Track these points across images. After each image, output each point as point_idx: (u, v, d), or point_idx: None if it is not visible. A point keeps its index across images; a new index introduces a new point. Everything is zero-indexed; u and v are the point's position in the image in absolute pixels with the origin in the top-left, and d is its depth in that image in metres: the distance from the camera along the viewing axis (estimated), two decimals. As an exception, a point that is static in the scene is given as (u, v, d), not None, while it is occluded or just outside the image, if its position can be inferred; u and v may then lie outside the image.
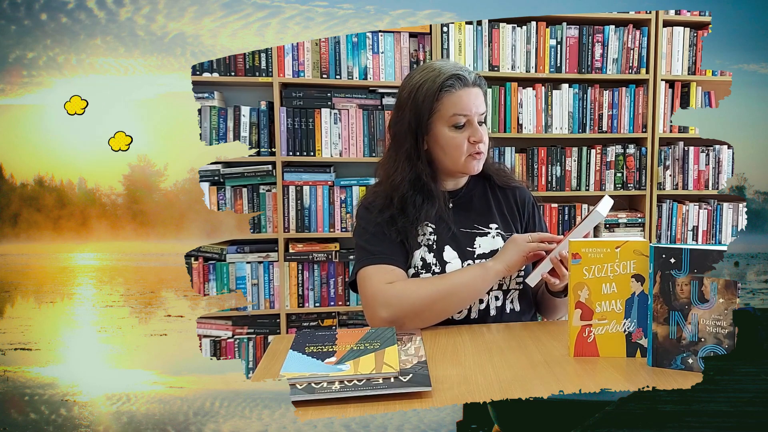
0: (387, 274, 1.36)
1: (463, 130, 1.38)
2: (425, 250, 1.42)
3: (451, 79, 1.36)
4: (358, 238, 1.45)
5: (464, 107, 1.36)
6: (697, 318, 1.03)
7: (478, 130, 1.38)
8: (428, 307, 1.32)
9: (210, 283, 2.66)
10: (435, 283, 1.35)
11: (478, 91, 1.39)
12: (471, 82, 1.38)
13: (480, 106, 1.39)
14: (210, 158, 2.63)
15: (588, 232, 1.34)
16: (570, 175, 2.83)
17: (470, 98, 1.37)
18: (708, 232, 2.93)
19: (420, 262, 1.41)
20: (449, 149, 1.39)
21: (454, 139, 1.38)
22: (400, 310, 1.30)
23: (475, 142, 1.38)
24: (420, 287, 1.33)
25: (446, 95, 1.36)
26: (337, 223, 2.69)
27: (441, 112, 1.37)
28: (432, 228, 1.43)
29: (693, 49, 2.84)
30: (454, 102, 1.36)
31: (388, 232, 1.40)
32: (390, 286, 1.33)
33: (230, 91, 2.73)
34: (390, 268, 1.37)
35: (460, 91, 1.36)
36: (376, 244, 1.40)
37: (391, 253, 1.39)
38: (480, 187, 1.53)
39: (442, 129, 1.38)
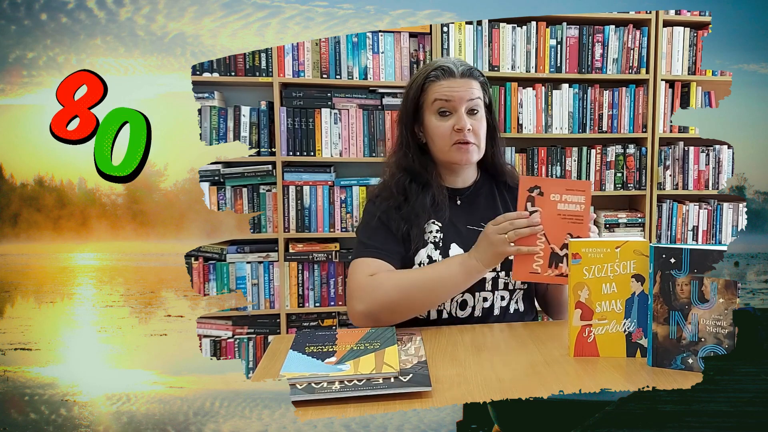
0: (372, 268, 1.35)
1: (448, 119, 1.40)
2: (432, 247, 1.42)
3: (437, 70, 1.41)
4: (358, 233, 1.47)
5: (445, 93, 1.39)
6: (697, 318, 1.03)
7: (463, 118, 1.38)
8: (402, 301, 1.31)
9: (210, 283, 2.66)
10: (412, 278, 1.33)
11: (466, 81, 1.40)
12: (458, 73, 1.40)
13: (466, 94, 1.39)
14: (210, 158, 2.63)
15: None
16: (570, 175, 2.83)
17: (453, 86, 1.39)
18: (708, 232, 2.93)
19: (426, 259, 1.41)
20: (435, 138, 1.42)
21: (439, 127, 1.41)
22: (373, 302, 1.29)
23: (458, 129, 1.38)
24: (397, 280, 1.32)
25: (429, 85, 1.41)
26: (337, 223, 2.69)
27: (426, 101, 1.42)
28: (438, 226, 1.43)
29: (693, 49, 2.84)
30: (436, 90, 1.40)
31: (394, 219, 1.40)
32: (369, 278, 1.33)
33: (230, 91, 2.73)
34: (378, 262, 1.36)
35: (443, 80, 1.40)
36: (372, 237, 1.41)
37: (384, 247, 1.39)
38: (488, 186, 1.53)
39: (430, 117, 1.42)
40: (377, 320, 1.30)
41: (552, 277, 1.28)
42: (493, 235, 1.26)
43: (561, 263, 1.27)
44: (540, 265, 1.27)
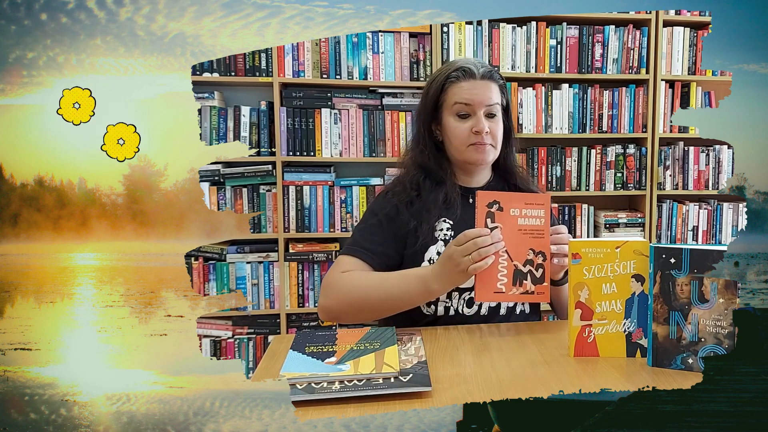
0: (348, 266, 1.37)
1: (466, 120, 1.42)
2: (442, 244, 1.42)
3: (457, 71, 1.42)
4: (354, 228, 1.48)
5: (465, 97, 1.40)
6: (697, 318, 1.03)
7: (481, 121, 1.40)
8: (360, 303, 1.33)
9: (210, 283, 2.66)
10: (373, 283, 1.33)
11: (486, 83, 1.42)
12: (479, 74, 1.41)
13: (486, 98, 1.41)
14: (210, 158, 2.63)
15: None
16: (570, 175, 2.83)
17: (473, 89, 1.40)
18: (708, 232, 2.93)
19: (436, 256, 1.41)
20: (453, 138, 1.43)
21: (457, 128, 1.42)
22: (333, 299, 1.33)
23: (477, 132, 1.40)
24: (359, 282, 1.33)
25: (450, 86, 1.43)
26: (337, 223, 2.69)
27: (447, 102, 1.44)
28: (450, 224, 1.44)
29: (693, 49, 2.84)
30: (456, 92, 1.42)
31: (403, 214, 1.41)
32: (339, 275, 1.35)
33: (230, 91, 2.73)
34: (357, 261, 1.38)
35: (463, 82, 1.41)
36: (363, 236, 1.42)
37: (371, 247, 1.39)
38: (501, 186, 1.54)
39: (449, 119, 1.44)
40: (337, 316, 1.34)
41: (517, 295, 1.26)
42: (457, 256, 1.22)
43: (525, 280, 1.25)
44: (504, 284, 1.25)
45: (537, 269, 1.27)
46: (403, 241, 1.42)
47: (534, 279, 1.27)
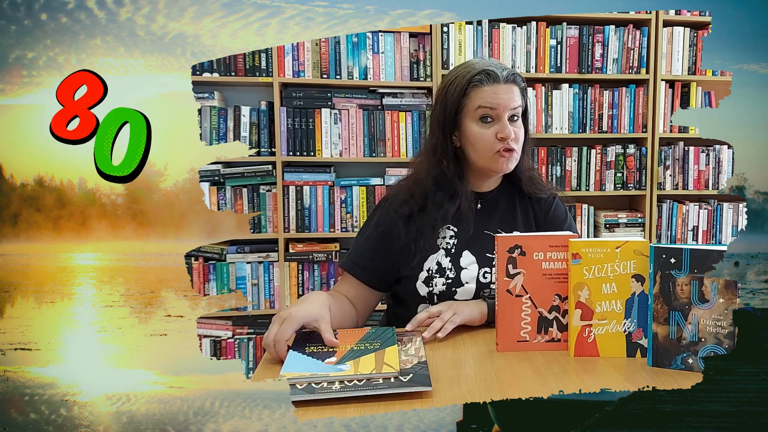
0: (344, 288, 1.41)
1: (491, 126, 1.35)
2: (443, 254, 1.40)
3: (480, 74, 1.34)
4: (356, 236, 1.47)
5: (489, 101, 1.34)
6: (697, 318, 1.03)
7: (507, 126, 1.34)
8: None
9: (210, 283, 2.66)
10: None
11: (510, 87, 1.35)
12: (502, 78, 1.34)
13: (510, 102, 1.35)
14: (210, 158, 2.63)
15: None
16: (570, 175, 2.83)
17: (497, 93, 1.34)
18: (708, 232, 2.93)
19: (435, 266, 1.39)
20: (477, 145, 1.36)
21: (482, 134, 1.35)
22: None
23: (502, 138, 1.34)
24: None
25: (473, 90, 1.35)
26: (337, 223, 2.69)
27: (468, 106, 1.36)
28: (453, 231, 1.41)
29: (693, 49, 2.84)
30: (480, 96, 1.34)
31: (398, 229, 1.38)
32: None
33: (230, 91, 2.73)
34: (353, 282, 1.41)
35: (487, 86, 1.34)
36: (357, 250, 1.43)
37: (365, 263, 1.41)
38: (508, 192, 1.49)
39: (471, 124, 1.36)
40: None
41: (543, 343, 1.18)
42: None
43: (551, 327, 1.18)
44: (528, 332, 1.17)
45: (564, 315, 1.17)
46: (397, 256, 1.39)
47: (560, 326, 1.18)
